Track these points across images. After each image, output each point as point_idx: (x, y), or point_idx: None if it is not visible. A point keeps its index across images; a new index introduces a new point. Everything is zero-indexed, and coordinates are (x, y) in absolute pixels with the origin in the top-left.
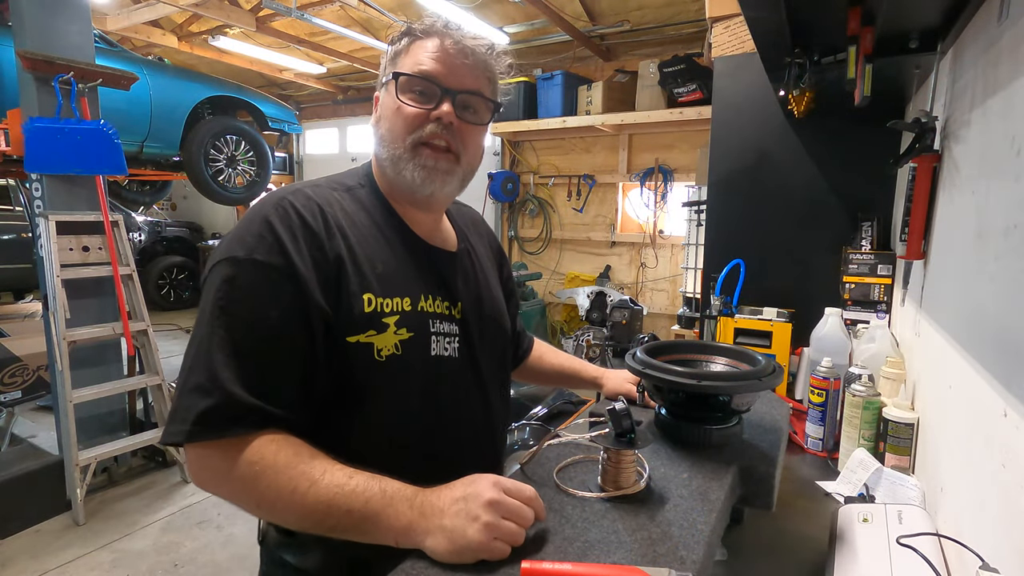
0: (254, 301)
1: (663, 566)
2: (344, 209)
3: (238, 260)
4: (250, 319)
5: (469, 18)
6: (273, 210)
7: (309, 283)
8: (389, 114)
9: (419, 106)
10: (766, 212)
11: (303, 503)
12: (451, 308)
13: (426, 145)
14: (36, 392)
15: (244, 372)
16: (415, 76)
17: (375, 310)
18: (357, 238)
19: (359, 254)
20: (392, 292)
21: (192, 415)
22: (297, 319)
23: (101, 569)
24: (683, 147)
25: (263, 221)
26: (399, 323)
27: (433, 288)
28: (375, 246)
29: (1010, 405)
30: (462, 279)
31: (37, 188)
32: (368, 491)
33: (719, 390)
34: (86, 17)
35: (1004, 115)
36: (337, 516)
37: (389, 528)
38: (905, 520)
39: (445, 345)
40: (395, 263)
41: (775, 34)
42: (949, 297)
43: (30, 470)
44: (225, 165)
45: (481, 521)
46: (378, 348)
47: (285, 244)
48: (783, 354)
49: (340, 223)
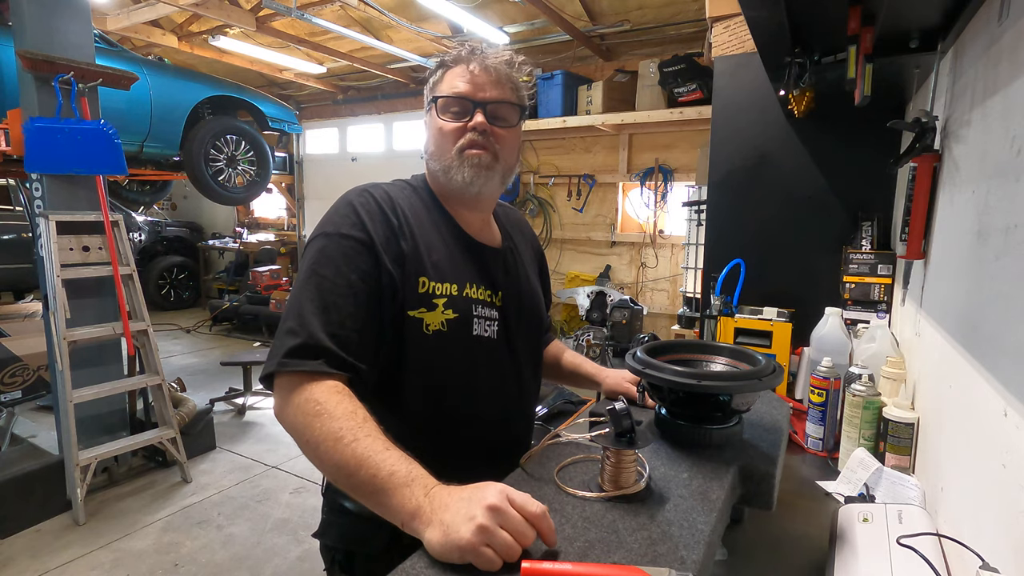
0: (340, 265)
1: (663, 566)
2: (410, 203)
3: (328, 234)
4: (335, 279)
5: (469, 18)
6: (357, 197)
7: (383, 255)
8: (435, 133)
9: (457, 121)
10: (766, 212)
11: (342, 453)
12: (492, 296)
13: (468, 149)
14: (36, 392)
15: (327, 320)
16: (450, 97)
17: (427, 291)
18: (419, 228)
19: (420, 242)
20: (443, 278)
21: (282, 351)
22: (372, 283)
23: (101, 569)
24: (683, 147)
25: (348, 204)
26: (447, 304)
27: (477, 278)
28: (432, 237)
29: (1010, 405)
30: (503, 272)
31: (37, 188)
32: (396, 465)
33: (719, 390)
34: (86, 17)
35: (1004, 115)
36: (363, 477)
37: (401, 507)
38: (905, 520)
39: (486, 327)
40: (447, 253)
41: (775, 34)
42: (949, 297)
43: (30, 470)
44: (225, 165)
45: (476, 522)
46: (427, 323)
47: (366, 223)
48: (783, 354)
49: (406, 214)
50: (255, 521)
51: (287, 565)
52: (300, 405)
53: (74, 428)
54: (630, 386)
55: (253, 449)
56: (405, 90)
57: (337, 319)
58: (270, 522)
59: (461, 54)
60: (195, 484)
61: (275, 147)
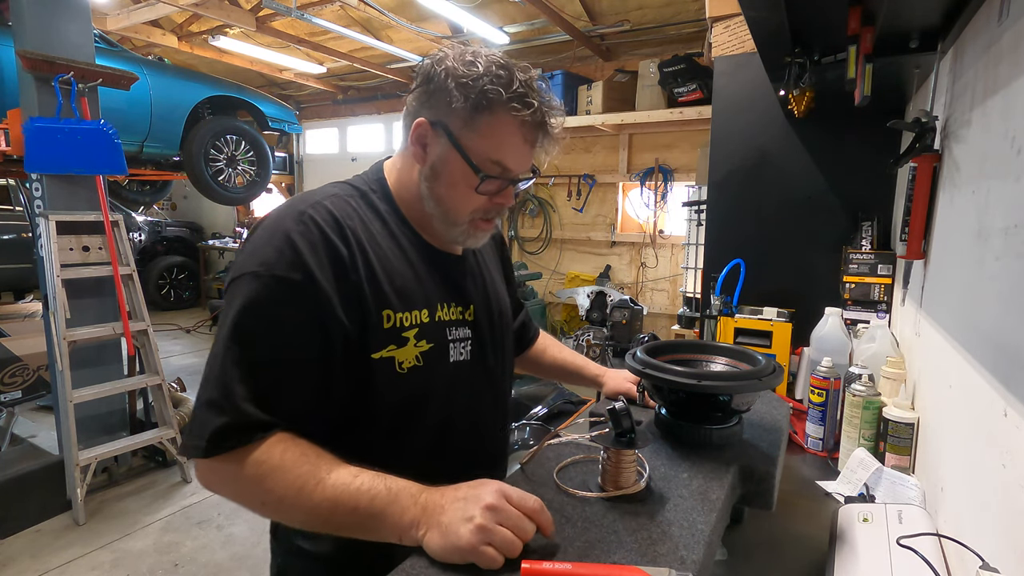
0: (272, 317)
1: (663, 566)
2: (362, 219)
3: (258, 275)
4: (267, 335)
5: (469, 18)
6: (294, 224)
7: (331, 299)
8: (454, 186)
9: (490, 194)
10: (766, 212)
11: (309, 501)
12: (463, 312)
13: (481, 219)
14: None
15: (257, 388)
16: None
17: (394, 325)
18: (375, 251)
19: (378, 269)
20: (410, 305)
21: (207, 431)
22: (316, 335)
23: (101, 569)
24: (683, 147)
25: (284, 236)
26: (418, 335)
27: (447, 295)
28: (392, 258)
29: (1010, 405)
30: (471, 281)
31: (37, 188)
32: (373, 489)
33: (719, 390)
34: (86, 17)
35: (1004, 115)
36: (343, 514)
37: (394, 525)
38: (905, 520)
39: (461, 350)
40: (411, 274)
41: (775, 34)
42: (949, 297)
43: (30, 470)
44: (225, 165)
45: (475, 523)
46: (399, 361)
47: (306, 259)
48: (783, 354)
49: (359, 237)
50: (255, 521)
51: None
52: (238, 475)
53: (74, 428)
54: (631, 386)
55: None
56: (405, 90)
57: (269, 383)
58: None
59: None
60: (195, 484)
61: (275, 147)
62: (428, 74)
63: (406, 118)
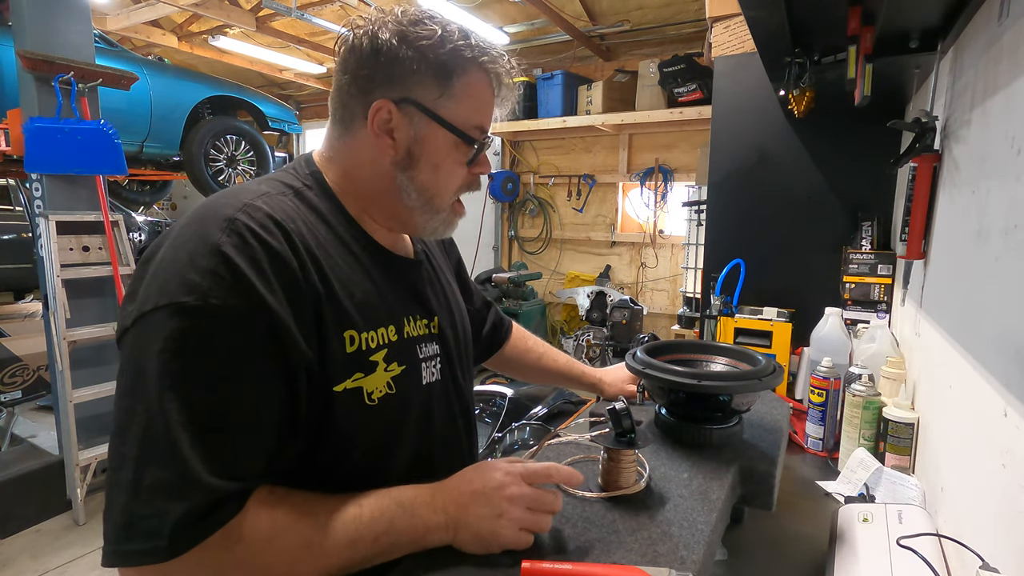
0: (218, 360)
1: (663, 566)
2: (305, 222)
3: (183, 308)
4: (215, 384)
5: (469, 18)
6: (226, 237)
7: (289, 326)
8: (440, 165)
9: (470, 163)
10: (766, 212)
11: (323, 553)
12: (429, 325)
13: (458, 200)
14: (36, 392)
15: (218, 452)
16: (482, 144)
17: (359, 348)
18: (327, 261)
19: (333, 282)
20: (376, 323)
21: (167, 526)
22: (274, 373)
23: (101, 569)
24: (683, 147)
25: (215, 253)
26: (388, 357)
27: (412, 307)
28: (346, 267)
29: (1010, 405)
30: (431, 288)
31: (37, 188)
32: (386, 511)
33: (719, 390)
34: (86, 17)
35: (1004, 115)
36: (365, 549)
37: (420, 539)
38: (905, 520)
39: (432, 370)
40: (371, 285)
41: (775, 34)
42: (949, 297)
43: (30, 470)
44: (225, 165)
45: (507, 517)
46: (368, 391)
47: (249, 279)
48: (783, 354)
49: (307, 243)
50: None
51: None
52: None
53: (74, 428)
54: (631, 387)
55: None
56: None
57: (230, 447)
58: None
59: (496, 67)
60: None
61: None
62: (371, 47)
63: (347, 102)
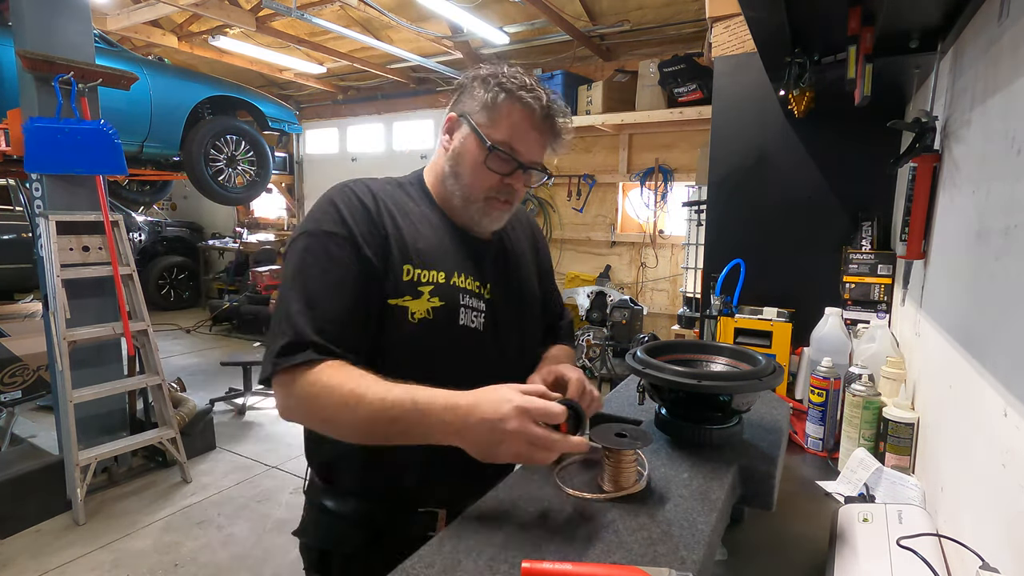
0: (322, 262)
1: (663, 566)
2: (393, 197)
3: (310, 232)
4: (319, 275)
5: (469, 18)
6: (337, 193)
7: (365, 247)
8: (470, 164)
9: (499, 172)
10: (766, 212)
11: (354, 417)
12: (481, 288)
13: (495, 199)
14: (36, 392)
15: (313, 316)
16: (503, 152)
17: (412, 279)
18: (403, 219)
19: (404, 231)
20: (429, 266)
21: (274, 352)
22: (356, 275)
23: (101, 569)
24: (683, 147)
25: (329, 201)
26: (433, 292)
27: (466, 268)
28: (418, 226)
29: (1010, 405)
30: (493, 264)
31: (37, 188)
32: (403, 404)
33: (719, 390)
34: (86, 17)
35: (1004, 115)
36: (384, 426)
37: (427, 436)
38: (905, 520)
39: (472, 318)
40: (434, 241)
41: (775, 34)
42: (949, 297)
43: (30, 470)
44: (225, 165)
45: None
46: (412, 311)
47: (346, 218)
48: (783, 354)
49: (389, 207)
50: (255, 521)
51: (287, 565)
52: (299, 394)
53: (74, 428)
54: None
55: (253, 449)
56: (405, 90)
57: (323, 315)
58: (270, 522)
59: (530, 98)
60: (195, 484)
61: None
62: (462, 83)
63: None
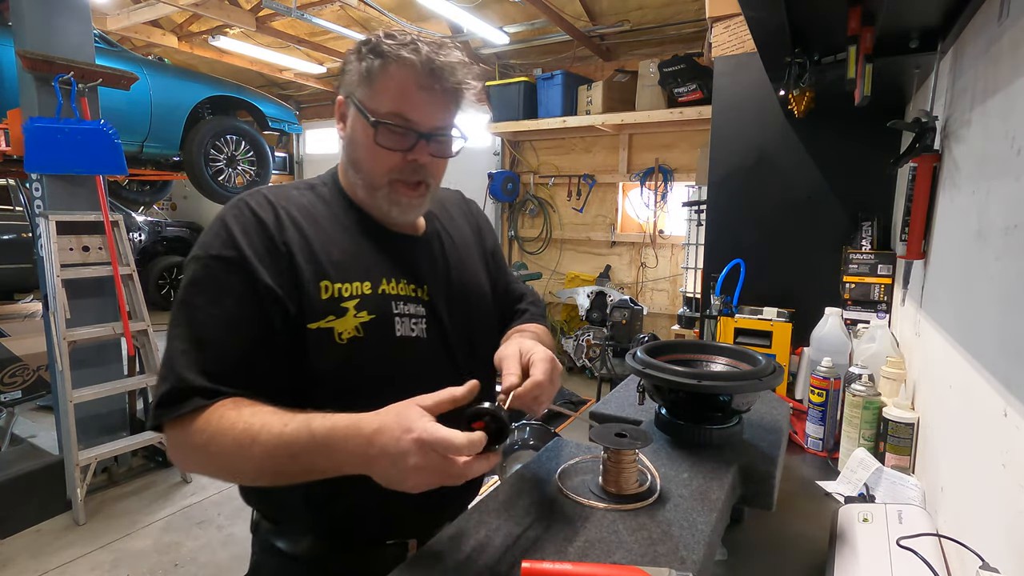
0: (211, 292)
1: (663, 566)
2: (300, 204)
3: (198, 257)
4: (206, 306)
5: (469, 18)
6: (230, 210)
7: (259, 271)
8: (364, 146)
9: (395, 148)
10: (766, 212)
11: (250, 458)
12: (417, 290)
13: (402, 182)
14: (36, 392)
15: (199, 357)
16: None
17: (333, 296)
18: (312, 229)
19: (314, 242)
20: (350, 277)
21: (155, 402)
22: (250, 304)
23: (101, 569)
24: (683, 147)
25: (220, 221)
26: (359, 306)
27: (397, 272)
28: (332, 235)
29: (1010, 405)
30: (428, 263)
31: (37, 188)
32: (301, 437)
33: (719, 390)
34: (86, 17)
35: (1004, 115)
36: (286, 463)
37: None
38: (905, 520)
39: (411, 326)
40: (354, 249)
41: (775, 34)
42: (949, 297)
43: (30, 470)
44: (225, 165)
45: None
46: (338, 332)
47: (237, 239)
48: (783, 354)
49: (294, 216)
50: None
51: None
52: (190, 444)
53: (74, 428)
54: None
55: None
56: None
57: (213, 355)
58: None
59: (408, 54)
60: (195, 484)
61: (275, 147)
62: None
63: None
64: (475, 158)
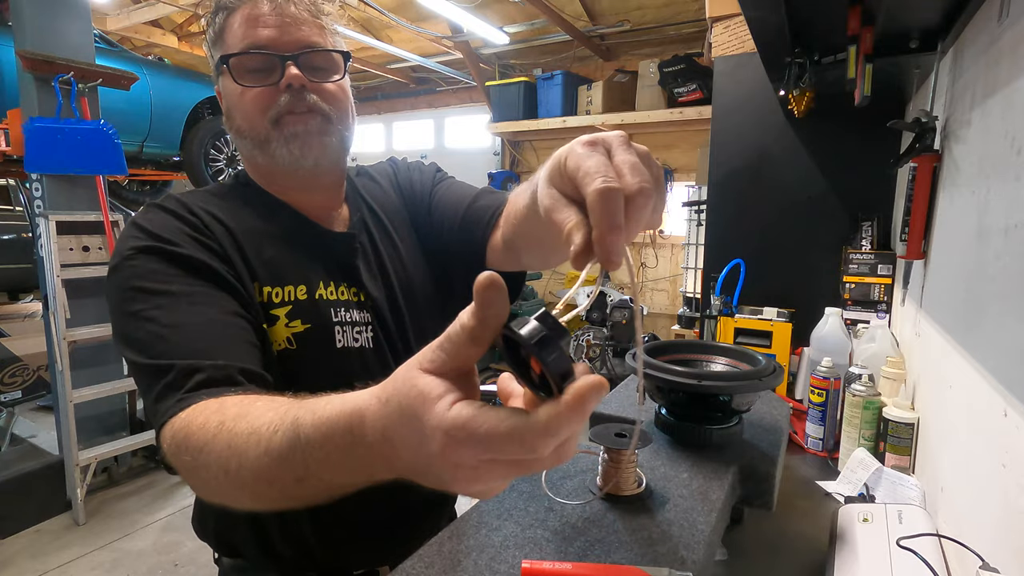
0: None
1: (663, 566)
2: (221, 205)
3: (115, 266)
4: (155, 300)
5: (469, 18)
6: (140, 216)
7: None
8: (236, 102)
9: (263, 83)
10: (766, 212)
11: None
12: (360, 294)
13: (288, 113)
14: (36, 392)
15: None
16: (246, 54)
17: (263, 300)
18: (239, 226)
19: (242, 241)
20: (282, 280)
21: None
22: (205, 278)
23: (101, 569)
24: (683, 147)
25: (131, 226)
26: (291, 314)
27: (335, 274)
28: (260, 233)
29: (1010, 405)
30: (363, 260)
31: (37, 188)
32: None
33: (720, 390)
34: (86, 17)
35: (1004, 115)
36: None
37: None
38: (905, 520)
39: (355, 336)
40: (286, 249)
41: (775, 34)
42: (949, 297)
43: (30, 470)
44: (225, 165)
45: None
46: (270, 341)
47: (156, 232)
48: (783, 354)
49: (215, 214)
50: None
51: None
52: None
53: (74, 428)
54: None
55: None
56: (405, 90)
57: (183, 337)
58: None
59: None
60: None
61: None
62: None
63: None
64: (475, 158)
